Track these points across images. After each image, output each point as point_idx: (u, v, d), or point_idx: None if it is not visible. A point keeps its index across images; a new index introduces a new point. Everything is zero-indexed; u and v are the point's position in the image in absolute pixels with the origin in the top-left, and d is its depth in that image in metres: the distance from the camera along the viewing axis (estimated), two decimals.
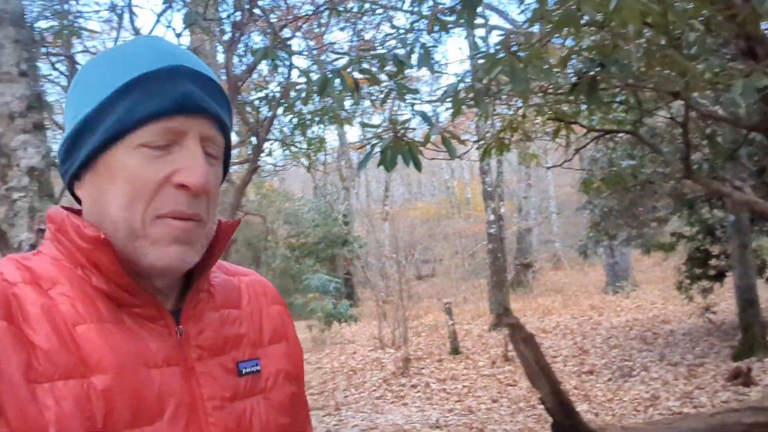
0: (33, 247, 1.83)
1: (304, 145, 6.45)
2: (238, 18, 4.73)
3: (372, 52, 3.32)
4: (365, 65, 3.22)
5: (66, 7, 4.36)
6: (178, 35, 4.73)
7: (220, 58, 6.66)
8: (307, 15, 5.84)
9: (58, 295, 0.66)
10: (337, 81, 2.91)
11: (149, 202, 0.67)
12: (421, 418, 6.31)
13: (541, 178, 22.82)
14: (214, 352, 0.74)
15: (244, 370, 0.76)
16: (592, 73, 2.27)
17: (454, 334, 9.38)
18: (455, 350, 9.24)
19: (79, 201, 0.74)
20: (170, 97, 0.67)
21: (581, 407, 5.97)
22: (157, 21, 4.63)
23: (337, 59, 3.11)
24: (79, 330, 0.64)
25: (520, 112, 4.33)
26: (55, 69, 4.23)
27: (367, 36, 8.35)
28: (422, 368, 8.55)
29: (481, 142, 4.62)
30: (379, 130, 2.96)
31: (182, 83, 0.68)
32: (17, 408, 0.58)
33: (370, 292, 14.23)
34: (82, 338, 0.64)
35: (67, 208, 0.73)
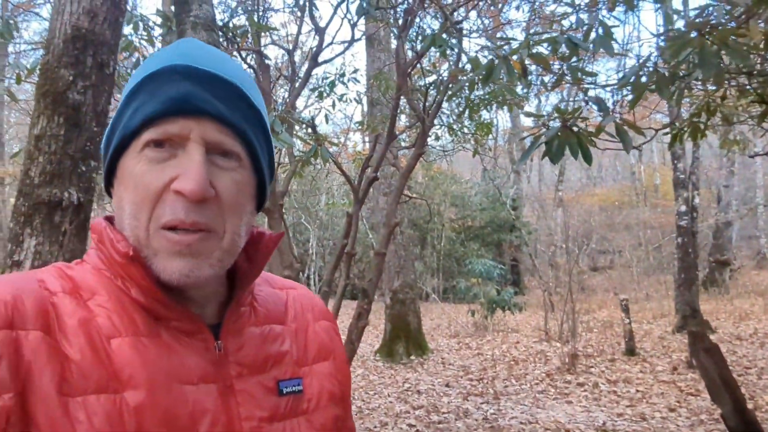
0: None
1: (472, 129, 6.35)
2: (409, 4, 4.76)
3: (541, 36, 3.13)
4: (536, 49, 3.04)
5: (255, 4, 4.75)
6: (353, 25, 4.90)
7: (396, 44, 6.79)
8: None
9: (96, 307, 0.65)
10: (503, 68, 2.78)
11: (152, 210, 0.65)
12: (586, 418, 5.96)
13: (747, 165, 20.02)
14: (255, 369, 0.71)
15: (285, 390, 0.72)
16: None
17: (630, 333, 8.69)
18: (631, 351, 8.57)
19: None
20: (165, 98, 0.65)
21: None
22: (334, 12, 4.82)
23: (504, 44, 2.98)
24: (113, 344, 0.63)
25: (719, 93, 3.80)
26: (246, 62, 4.65)
27: (547, 10, 7.95)
28: (591, 366, 8.07)
29: (669, 126, 4.14)
30: (545, 118, 2.78)
31: (180, 83, 0.65)
32: (50, 421, 0.57)
33: (537, 281, 13.75)
34: (116, 352, 0.63)
35: (109, 218, 0.72)
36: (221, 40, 3.67)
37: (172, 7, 3.50)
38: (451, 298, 16.03)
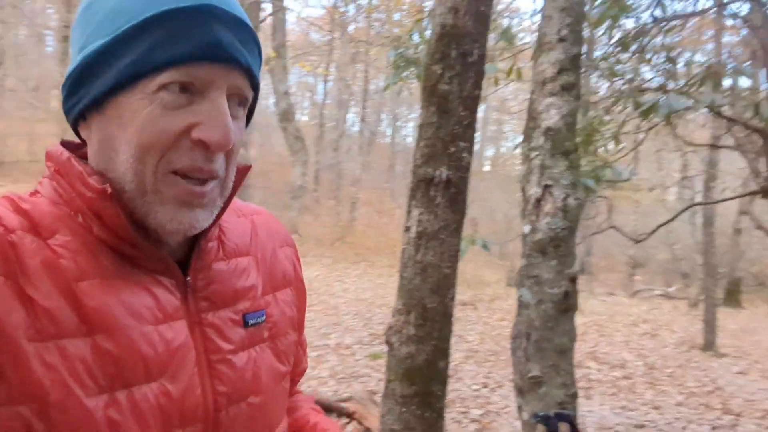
0: (538, 201, 1.91)
1: None
2: None
3: None
4: None
5: None
6: None
7: None
8: None
9: (59, 247, 0.61)
10: None
11: (163, 154, 0.61)
12: None
13: None
14: (222, 303, 0.71)
15: (250, 322, 0.74)
16: None
17: None
18: None
19: (82, 140, 0.69)
20: (199, 41, 0.60)
21: None
22: None
23: None
24: (81, 286, 0.60)
25: None
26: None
27: None
28: None
29: None
30: None
31: (213, 27, 0.61)
32: (17, 369, 0.56)
33: None
34: (85, 295, 0.60)
35: (67, 145, 0.70)
36: None
37: None
38: None
